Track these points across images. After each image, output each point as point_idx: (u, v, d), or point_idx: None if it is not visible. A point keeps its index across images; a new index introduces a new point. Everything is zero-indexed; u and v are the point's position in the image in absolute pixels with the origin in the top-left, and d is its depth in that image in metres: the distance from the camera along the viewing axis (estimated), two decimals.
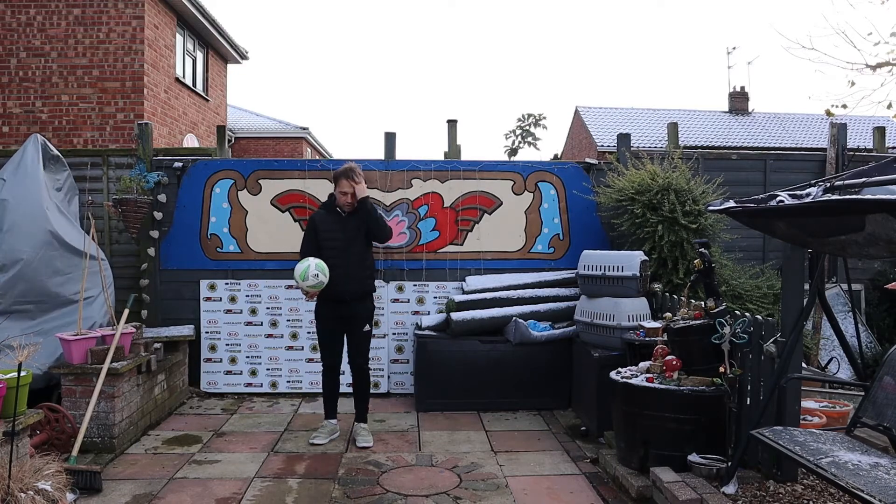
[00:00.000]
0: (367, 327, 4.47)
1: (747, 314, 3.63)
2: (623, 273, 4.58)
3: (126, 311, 4.53)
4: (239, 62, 15.94)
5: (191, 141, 13.11)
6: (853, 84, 5.74)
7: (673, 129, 6.39)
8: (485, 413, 5.19)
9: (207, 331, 5.74)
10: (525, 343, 5.17)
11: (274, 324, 5.77)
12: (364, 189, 4.39)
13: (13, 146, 8.80)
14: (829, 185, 2.74)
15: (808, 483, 3.32)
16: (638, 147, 6.38)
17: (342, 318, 4.40)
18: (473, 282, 5.72)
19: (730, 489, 3.16)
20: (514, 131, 8.62)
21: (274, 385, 5.76)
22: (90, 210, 5.41)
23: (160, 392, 4.98)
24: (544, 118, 8.65)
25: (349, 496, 3.53)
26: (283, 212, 5.85)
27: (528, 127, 8.53)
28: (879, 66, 5.52)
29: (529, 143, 8.56)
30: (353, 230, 4.39)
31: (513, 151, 8.56)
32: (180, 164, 5.79)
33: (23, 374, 3.14)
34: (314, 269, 4.08)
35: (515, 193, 5.95)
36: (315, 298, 4.35)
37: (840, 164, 6.25)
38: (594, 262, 4.76)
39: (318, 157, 19.22)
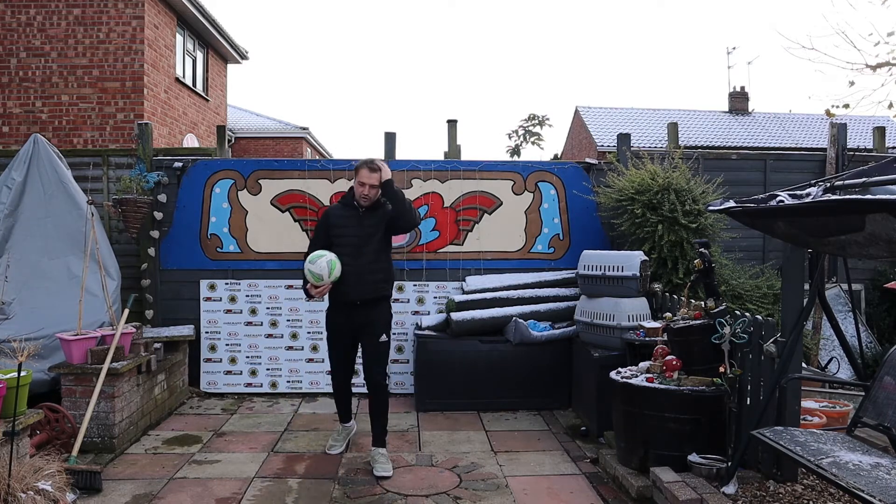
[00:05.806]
0: (383, 337, 4.03)
1: (747, 314, 3.62)
2: (623, 273, 4.58)
3: (126, 311, 4.54)
4: (239, 62, 15.94)
5: (191, 141, 13.11)
6: (853, 84, 5.73)
7: (673, 129, 6.39)
8: (485, 413, 5.19)
9: (207, 331, 5.74)
10: (525, 343, 5.17)
11: (274, 324, 5.77)
12: (388, 172, 4.02)
13: (13, 146, 8.82)
14: (829, 185, 2.73)
15: (808, 483, 3.32)
16: (638, 147, 6.37)
17: (354, 327, 4.04)
18: (473, 282, 5.72)
19: (730, 489, 3.16)
20: (516, 131, 8.58)
21: (274, 385, 5.76)
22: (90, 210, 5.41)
23: (160, 392, 4.98)
24: (548, 118, 8.61)
25: (349, 496, 3.53)
26: (283, 212, 5.85)
27: (531, 127, 8.49)
28: (879, 66, 5.50)
29: (533, 143, 8.52)
30: (370, 227, 4.02)
31: (515, 151, 8.52)
32: (180, 164, 5.79)
33: (23, 374, 3.14)
34: (325, 263, 3.78)
35: (515, 193, 5.95)
36: (320, 298, 4.01)
37: (840, 164, 6.25)
38: (594, 262, 4.76)
39: (318, 157, 19.22)
